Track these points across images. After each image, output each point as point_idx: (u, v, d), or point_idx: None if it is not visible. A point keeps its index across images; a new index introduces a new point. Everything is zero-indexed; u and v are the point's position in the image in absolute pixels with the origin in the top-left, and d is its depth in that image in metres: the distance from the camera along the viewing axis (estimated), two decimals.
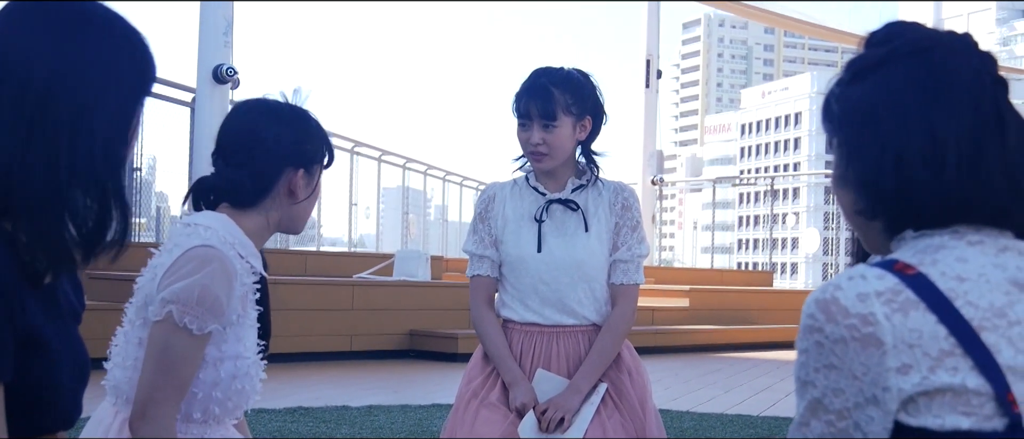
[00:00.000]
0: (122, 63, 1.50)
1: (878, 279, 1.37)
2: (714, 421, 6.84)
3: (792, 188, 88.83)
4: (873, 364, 1.34)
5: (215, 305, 2.10)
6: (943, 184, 1.39)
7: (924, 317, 1.34)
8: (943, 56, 1.44)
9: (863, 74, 1.47)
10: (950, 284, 1.37)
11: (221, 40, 9.82)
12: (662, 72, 16.39)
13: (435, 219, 22.32)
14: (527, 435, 2.89)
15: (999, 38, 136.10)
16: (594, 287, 3.04)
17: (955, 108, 1.41)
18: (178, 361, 2.09)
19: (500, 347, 3.03)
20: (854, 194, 1.47)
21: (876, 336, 1.34)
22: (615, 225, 3.06)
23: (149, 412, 2.08)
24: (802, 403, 1.40)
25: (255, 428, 5.93)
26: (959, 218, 1.41)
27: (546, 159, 3.01)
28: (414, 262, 11.79)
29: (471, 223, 3.19)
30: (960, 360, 1.33)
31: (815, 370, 1.37)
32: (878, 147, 1.43)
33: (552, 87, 3.00)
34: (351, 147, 16.45)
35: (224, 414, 2.22)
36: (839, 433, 1.37)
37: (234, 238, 2.22)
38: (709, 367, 10.45)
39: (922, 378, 1.33)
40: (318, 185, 2.35)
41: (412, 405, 7.16)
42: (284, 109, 2.34)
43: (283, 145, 2.27)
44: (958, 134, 1.40)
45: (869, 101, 1.46)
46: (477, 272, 3.12)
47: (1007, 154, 1.41)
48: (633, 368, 3.06)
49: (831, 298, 1.36)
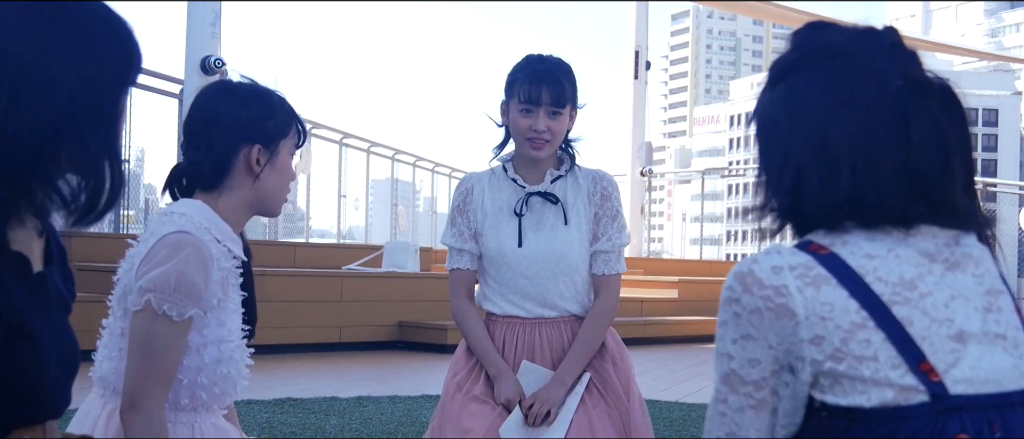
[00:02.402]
0: (103, 43, 1.49)
1: (791, 255, 1.42)
2: (702, 412, 6.85)
3: None
4: (787, 334, 1.39)
5: (192, 290, 2.11)
6: (835, 192, 1.42)
7: (835, 292, 1.39)
8: (848, 63, 1.46)
9: (778, 78, 1.51)
10: (860, 261, 1.41)
11: (209, 31, 9.80)
12: (651, 63, 16.40)
13: (424, 211, 22.31)
14: (512, 430, 2.89)
15: (987, 29, 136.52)
16: (575, 280, 3.04)
17: (851, 116, 1.43)
18: (161, 349, 2.10)
19: (483, 340, 3.03)
20: (760, 204, 1.51)
21: (788, 307, 1.39)
22: (595, 215, 3.05)
23: (138, 402, 2.08)
24: (718, 376, 1.45)
25: (245, 419, 5.93)
26: (856, 222, 1.44)
27: (547, 146, 3.00)
28: (403, 254, 11.78)
29: (449, 215, 3.17)
30: (872, 333, 1.37)
31: (732, 341, 1.42)
32: (780, 156, 1.47)
33: (560, 75, 3.00)
34: (340, 139, 16.42)
35: (212, 400, 2.23)
36: (760, 404, 1.41)
37: (209, 223, 2.23)
38: (698, 358, 10.47)
39: (835, 349, 1.37)
40: (283, 163, 2.32)
41: (401, 396, 7.16)
42: (243, 89, 2.34)
43: (238, 123, 2.27)
44: (853, 143, 1.42)
45: (774, 109, 1.49)
46: (457, 265, 3.11)
47: (910, 158, 1.42)
48: (617, 356, 3.06)
49: (747, 270, 1.42)
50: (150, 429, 2.08)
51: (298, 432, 5.83)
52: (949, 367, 1.36)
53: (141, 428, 2.08)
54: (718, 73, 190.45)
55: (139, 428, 2.08)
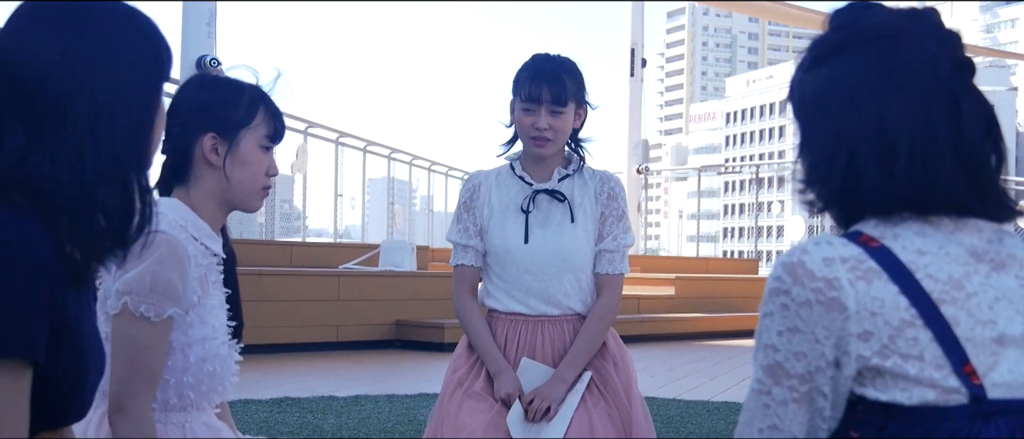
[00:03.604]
0: (133, 51, 1.49)
1: (843, 246, 1.38)
2: (700, 408, 6.86)
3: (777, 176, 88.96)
4: (836, 328, 1.35)
5: (169, 289, 2.09)
6: (894, 178, 1.39)
7: (886, 287, 1.35)
8: (897, 44, 1.43)
9: (821, 60, 1.47)
10: (911, 257, 1.38)
11: (204, 30, 9.79)
12: (647, 61, 16.37)
13: (421, 209, 22.29)
14: (513, 425, 2.89)
15: (982, 25, 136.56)
16: (580, 278, 3.04)
17: (907, 99, 1.40)
18: (143, 351, 2.08)
19: (484, 337, 3.03)
20: (803, 185, 1.47)
21: (840, 300, 1.35)
22: (601, 215, 3.06)
23: (125, 403, 2.07)
24: (760, 368, 1.40)
25: (242, 418, 5.93)
26: (910, 209, 1.40)
27: (549, 144, 3.01)
28: (400, 252, 11.78)
29: (455, 212, 3.17)
30: (920, 331, 1.34)
31: (778, 333, 1.38)
32: (831, 139, 1.43)
33: (562, 73, 3.01)
34: (336, 138, 16.40)
35: (200, 398, 2.21)
36: (802, 398, 1.38)
37: (185, 220, 2.21)
38: (695, 355, 10.47)
39: (882, 346, 1.34)
40: (246, 155, 2.26)
41: (398, 395, 7.16)
42: (207, 80, 2.32)
43: (193, 109, 2.24)
44: (910, 126, 1.39)
45: (822, 90, 1.45)
46: (461, 262, 3.11)
47: (963, 142, 1.40)
48: (618, 356, 3.06)
49: (798, 261, 1.37)
50: (139, 429, 2.07)
51: (296, 431, 5.82)
52: (988, 370, 1.34)
53: (129, 429, 2.07)
54: (714, 70, 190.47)
55: (127, 429, 2.07)
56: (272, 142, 2.31)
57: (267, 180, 2.31)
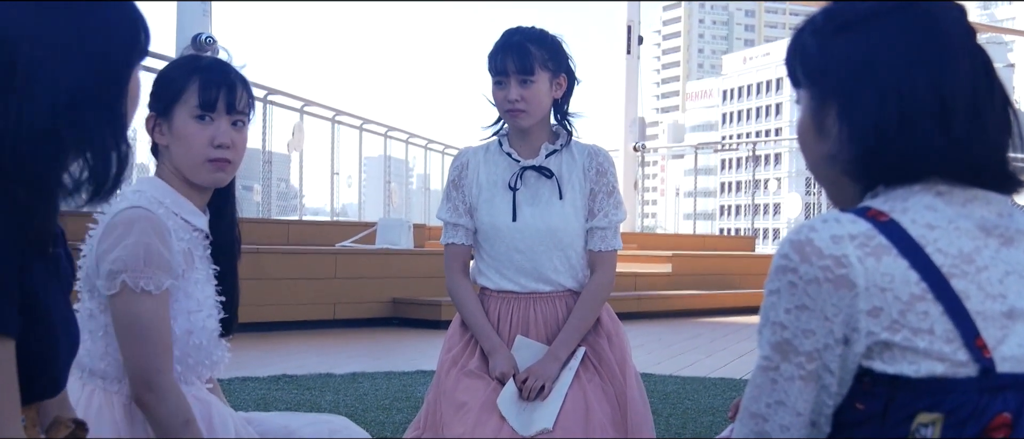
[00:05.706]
0: (102, 17, 1.48)
1: (851, 223, 1.38)
2: (697, 384, 6.87)
3: (774, 153, 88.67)
4: (845, 306, 1.35)
5: (161, 261, 2.10)
6: (952, 140, 1.40)
7: (896, 262, 1.35)
8: (934, 13, 1.44)
9: (850, 26, 1.46)
10: (921, 231, 1.38)
11: (199, 8, 9.76)
12: (643, 38, 16.34)
13: (417, 187, 22.30)
14: (506, 404, 2.89)
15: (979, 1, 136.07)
16: (569, 255, 3.04)
17: (957, 64, 1.42)
18: (152, 325, 2.09)
19: (477, 315, 3.03)
20: (840, 146, 1.46)
21: (849, 278, 1.35)
22: (590, 191, 3.05)
23: (152, 381, 2.07)
24: (768, 344, 1.40)
25: (239, 395, 5.95)
26: (945, 173, 1.41)
27: (524, 116, 3.00)
28: (396, 230, 11.78)
29: (444, 190, 3.17)
30: (930, 305, 1.34)
31: (786, 311, 1.38)
32: (877, 99, 1.42)
33: (528, 43, 2.99)
34: (332, 116, 16.38)
35: (187, 371, 2.22)
36: (809, 376, 1.38)
37: (164, 196, 2.23)
38: (691, 332, 10.49)
39: (892, 321, 1.34)
40: (179, 129, 2.25)
41: (396, 372, 7.18)
42: (174, 61, 2.34)
43: (151, 94, 2.28)
44: (963, 91, 1.41)
45: (863, 53, 1.44)
46: (451, 240, 3.11)
47: (995, 106, 1.43)
48: (612, 331, 3.06)
49: (805, 239, 1.37)
50: (175, 404, 2.08)
51: (293, 408, 5.84)
52: (998, 344, 1.34)
53: (163, 404, 2.08)
54: (711, 48, 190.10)
55: (161, 406, 2.08)
56: (206, 110, 2.25)
57: (212, 151, 2.25)
